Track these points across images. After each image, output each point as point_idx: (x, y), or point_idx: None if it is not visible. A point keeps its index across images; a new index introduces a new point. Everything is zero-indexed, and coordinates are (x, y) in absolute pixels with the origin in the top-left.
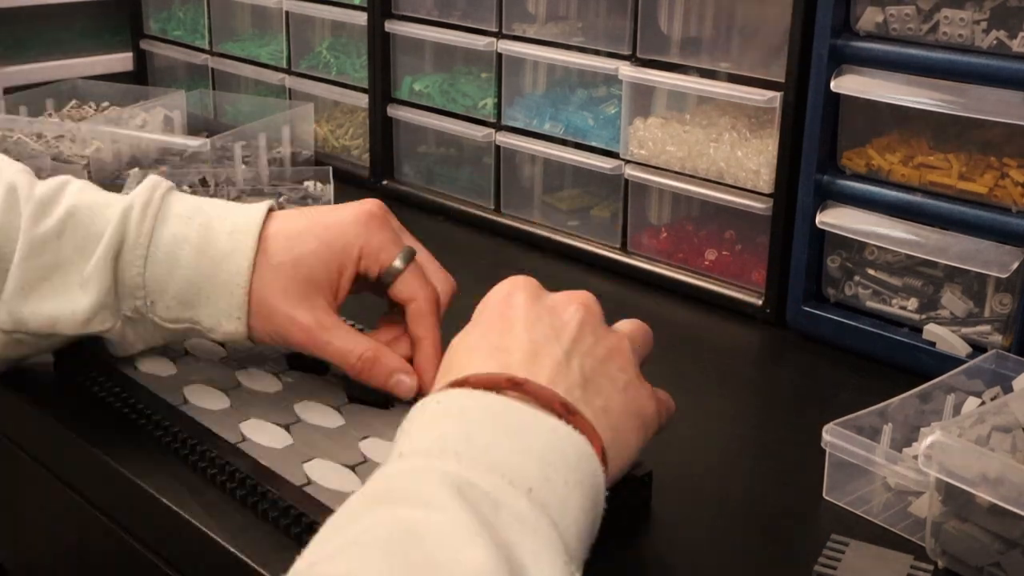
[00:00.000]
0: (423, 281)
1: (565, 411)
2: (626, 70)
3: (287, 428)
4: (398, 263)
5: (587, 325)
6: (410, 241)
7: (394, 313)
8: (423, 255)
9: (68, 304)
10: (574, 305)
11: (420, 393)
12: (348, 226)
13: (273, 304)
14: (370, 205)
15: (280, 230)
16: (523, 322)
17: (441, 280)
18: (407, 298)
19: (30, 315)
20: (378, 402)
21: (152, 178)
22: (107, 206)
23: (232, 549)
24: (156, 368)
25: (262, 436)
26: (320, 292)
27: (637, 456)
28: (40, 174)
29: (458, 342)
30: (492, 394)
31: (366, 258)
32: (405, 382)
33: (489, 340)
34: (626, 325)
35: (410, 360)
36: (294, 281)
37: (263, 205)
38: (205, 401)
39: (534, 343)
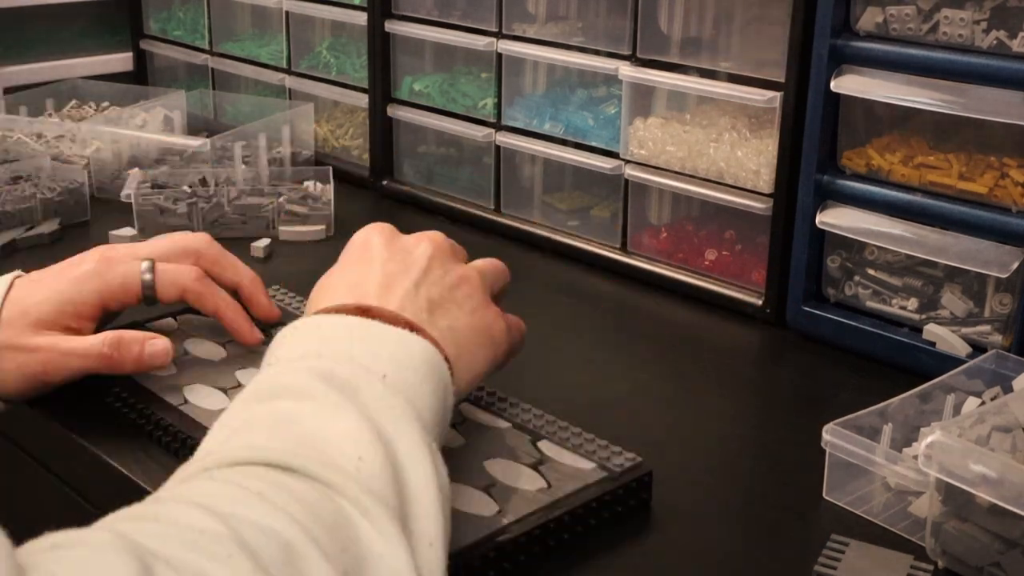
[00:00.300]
0: (176, 272)
1: (410, 328)
2: (626, 70)
3: None
4: (146, 276)
5: (436, 259)
6: (148, 252)
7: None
8: (183, 256)
9: None
10: (424, 243)
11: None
12: (82, 278)
13: (7, 345)
14: (98, 251)
15: (16, 297)
16: (379, 260)
17: (239, 271)
18: (177, 294)
19: None
20: None
21: None
22: None
23: None
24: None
25: None
26: (55, 327)
27: (487, 371)
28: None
29: (321, 281)
30: (344, 315)
31: (114, 298)
32: (157, 344)
33: (347, 278)
34: (478, 262)
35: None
36: (23, 327)
37: (5, 279)
38: (205, 401)
39: (387, 276)
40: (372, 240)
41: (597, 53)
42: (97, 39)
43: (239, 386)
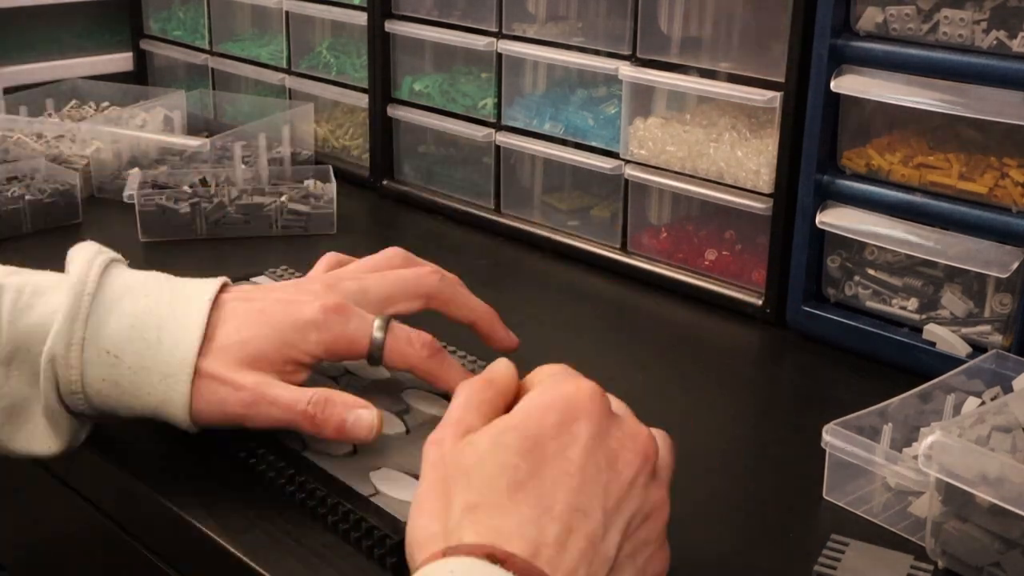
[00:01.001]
0: (408, 340)
1: None
2: (626, 70)
3: None
4: (377, 336)
5: (636, 488)
6: (378, 296)
7: None
8: (444, 294)
9: (40, 444)
10: (637, 460)
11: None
12: (309, 324)
13: (215, 375)
14: (325, 300)
15: (233, 319)
16: (579, 473)
17: (474, 308)
18: (403, 366)
19: (7, 446)
20: None
21: (74, 279)
22: (39, 328)
23: (232, 549)
24: None
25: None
26: (269, 367)
27: None
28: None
29: (509, 440)
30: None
31: (339, 352)
32: (364, 416)
33: (540, 482)
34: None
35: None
36: (239, 356)
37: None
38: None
39: (577, 512)
40: (579, 430)
41: (597, 53)
42: (97, 39)
43: None
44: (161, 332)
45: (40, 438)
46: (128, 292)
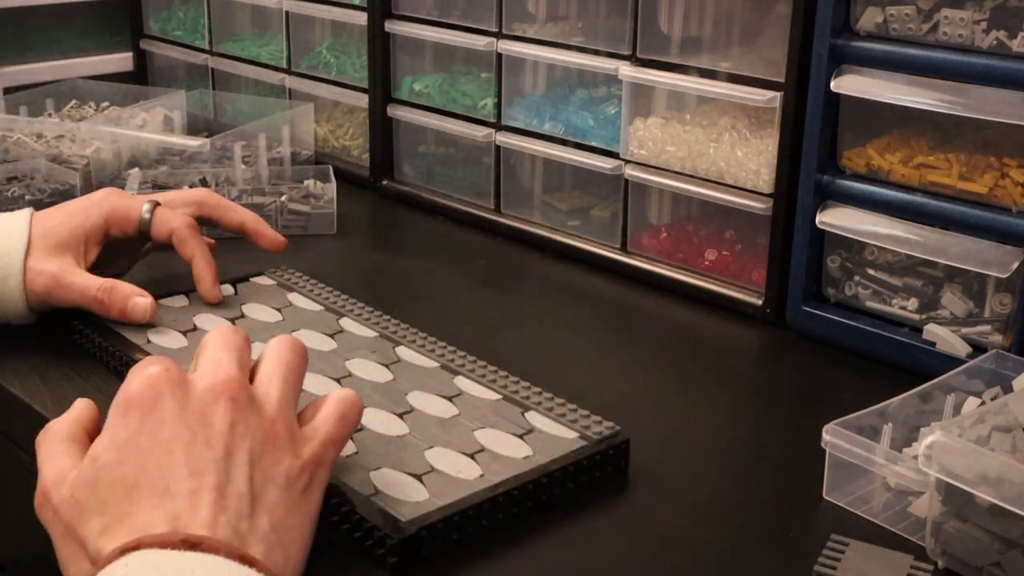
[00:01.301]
0: (172, 216)
1: (243, 560)
2: (626, 70)
3: None
4: (145, 214)
5: (238, 425)
6: (154, 197)
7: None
8: (186, 201)
9: None
10: (222, 404)
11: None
12: (90, 205)
13: (28, 265)
14: (107, 188)
15: (38, 221)
16: (178, 445)
17: (241, 212)
18: (167, 234)
19: None
20: None
21: None
22: None
23: None
24: (167, 342)
25: None
26: (68, 252)
27: (312, 536)
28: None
29: (107, 458)
30: (174, 552)
31: (116, 223)
32: (140, 303)
33: (148, 473)
34: (272, 386)
35: None
36: (44, 248)
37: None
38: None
39: (193, 475)
40: (163, 409)
41: (597, 53)
42: (97, 39)
43: None
44: None
45: None
46: None
